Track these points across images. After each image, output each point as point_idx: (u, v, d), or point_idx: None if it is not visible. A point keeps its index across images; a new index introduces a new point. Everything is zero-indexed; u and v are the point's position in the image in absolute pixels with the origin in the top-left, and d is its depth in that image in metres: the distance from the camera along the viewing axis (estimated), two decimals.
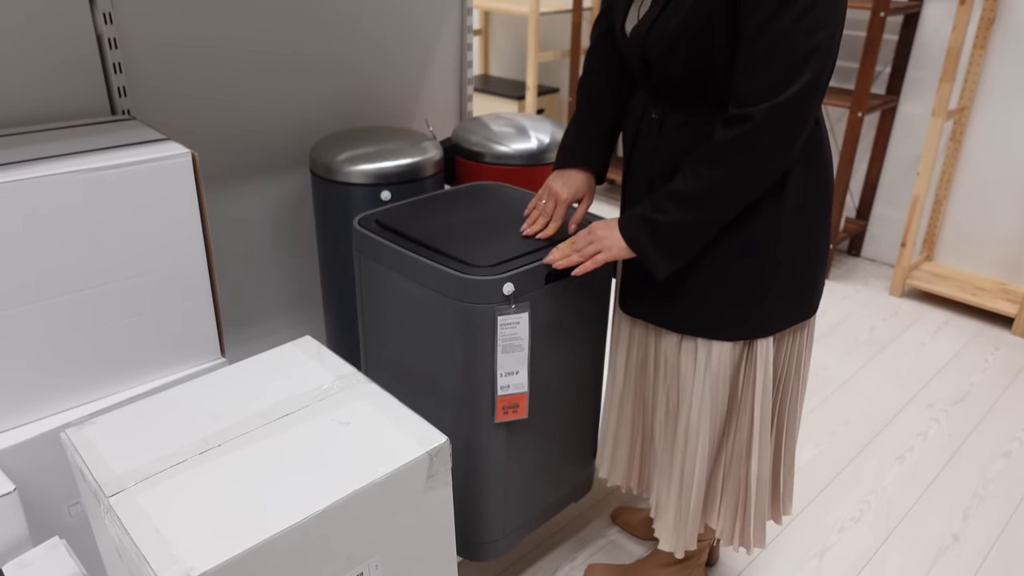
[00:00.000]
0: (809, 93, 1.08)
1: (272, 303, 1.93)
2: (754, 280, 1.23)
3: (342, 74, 1.87)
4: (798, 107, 1.08)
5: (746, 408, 1.33)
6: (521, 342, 1.30)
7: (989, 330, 2.75)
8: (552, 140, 1.81)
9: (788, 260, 1.23)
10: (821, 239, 1.27)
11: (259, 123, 1.76)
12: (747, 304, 1.24)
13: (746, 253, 1.22)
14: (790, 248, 1.23)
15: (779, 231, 1.21)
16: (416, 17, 1.96)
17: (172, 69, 1.59)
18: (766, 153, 1.11)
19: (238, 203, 1.78)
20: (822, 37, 1.06)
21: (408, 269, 1.33)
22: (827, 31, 1.06)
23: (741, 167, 1.12)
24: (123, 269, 1.29)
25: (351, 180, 1.62)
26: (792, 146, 1.12)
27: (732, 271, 1.23)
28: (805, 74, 1.06)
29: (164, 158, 1.28)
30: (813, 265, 1.27)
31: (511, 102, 4.03)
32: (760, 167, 1.13)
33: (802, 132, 1.11)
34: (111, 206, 1.24)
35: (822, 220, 1.26)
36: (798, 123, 1.10)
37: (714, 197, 1.14)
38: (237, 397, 1.06)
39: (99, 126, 1.42)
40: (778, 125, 1.09)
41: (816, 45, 1.06)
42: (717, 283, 1.24)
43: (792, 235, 1.22)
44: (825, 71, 1.09)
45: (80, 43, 1.45)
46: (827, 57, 1.08)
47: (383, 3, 1.88)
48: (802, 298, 1.29)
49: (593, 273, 1.41)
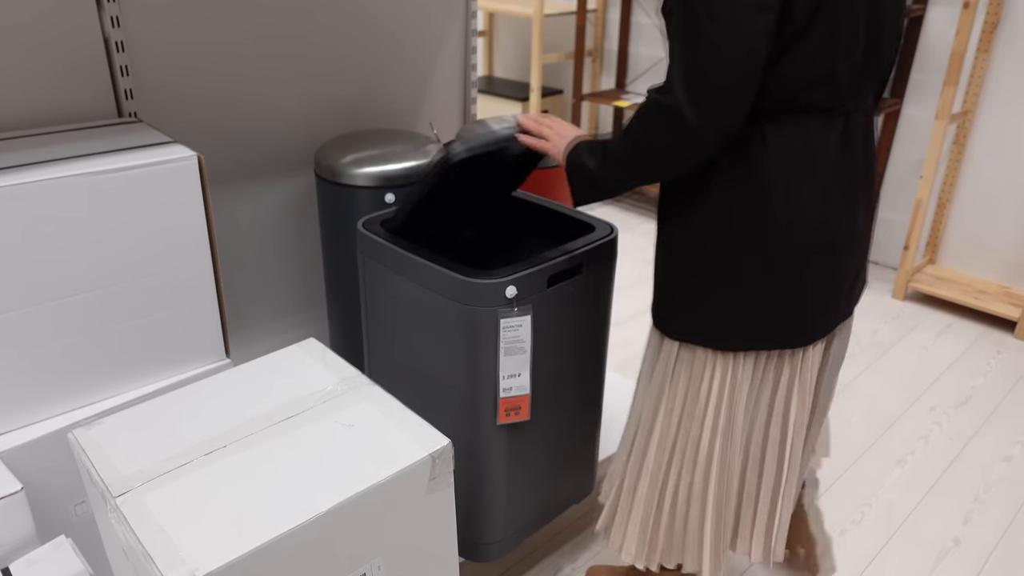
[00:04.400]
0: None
1: (277, 304, 1.95)
2: (672, 278, 1.24)
3: (347, 77, 1.88)
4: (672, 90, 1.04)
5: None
6: (523, 344, 1.31)
7: (992, 333, 2.75)
8: None
9: (696, 272, 1.20)
10: (750, 271, 1.17)
11: (265, 125, 1.77)
12: (672, 299, 1.25)
13: (665, 250, 1.24)
14: (698, 261, 1.20)
15: (688, 237, 1.19)
16: (421, 19, 1.97)
17: (179, 71, 1.60)
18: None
19: (244, 204, 1.80)
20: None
21: (411, 272, 1.34)
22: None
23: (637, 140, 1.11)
24: (129, 271, 1.30)
25: (356, 183, 1.63)
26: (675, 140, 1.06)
27: (662, 264, 1.26)
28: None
29: (170, 161, 1.29)
30: (731, 292, 1.19)
31: (515, 104, 4.04)
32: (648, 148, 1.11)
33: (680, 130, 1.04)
34: (117, 209, 1.25)
35: (753, 252, 1.16)
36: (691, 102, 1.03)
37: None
38: (242, 399, 1.08)
39: (105, 128, 1.44)
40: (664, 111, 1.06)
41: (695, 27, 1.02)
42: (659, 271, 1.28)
43: (704, 248, 1.18)
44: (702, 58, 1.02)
45: (87, 46, 1.46)
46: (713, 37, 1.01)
47: (391, 4, 1.89)
48: (726, 323, 1.21)
49: (596, 277, 1.42)
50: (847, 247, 1.20)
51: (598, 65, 4.04)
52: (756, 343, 1.22)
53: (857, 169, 1.18)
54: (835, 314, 1.25)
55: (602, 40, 3.99)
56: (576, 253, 1.36)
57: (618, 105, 3.65)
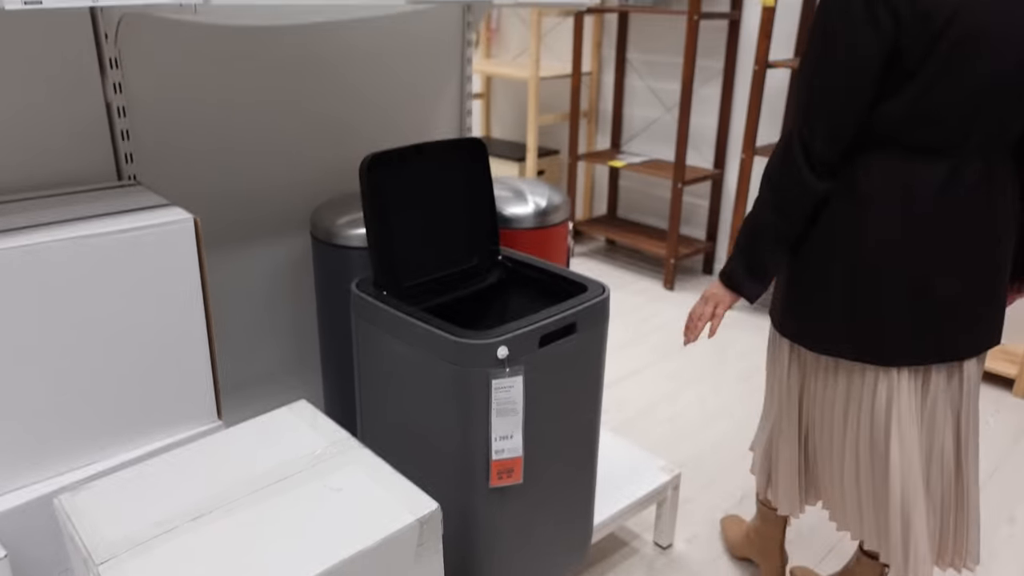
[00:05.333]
0: (792, 138, 1.30)
1: (271, 365, 1.95)
2: (794, 283, 1.44)
3: (343, 140, 1.92)
4: (782, 148, 1.32)
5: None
6: (515, 405, 1.31)
7: (989, 391, 2.74)
8: (549, 203, 1.84)
9: (815, 284, 1.39)
10: (839, 283, 1.36)
11: (262, 187, 1.80)
12: (789, 302, 1.46)
13: (795, 257, 1.43)
14: (819, 276, 1.39)
15: (811, 250, 1.39)
16: (417, 84, 2.02)
17: (178, 135, 1.63)
18: (771, 181, 1.35)
19: (240, 265, 1.81)
20: (805, 93, 1.28)
21: (402, 332, 1.34)
22: (810, 88, 1.27)
23: (764, 191, 1.37)
24: (122, 332, 1.31)
25: (350, 244, 1.65)
26: (788, 178, 1.32)
27: (790, 271, 1.46)
28: (794, 123, 1.29)
29: (166, 224, 1.31)
30: (841, 306, 1.37)
31: (512, 163, 4.11)
32: (773, 193, 1.35)
33: (791, 169, 1.31)
34: (112, 272, 1.27)
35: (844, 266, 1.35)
36: (784, 161, 1.32)
37: (755, 216, 1.38)
38: (230, 463, 1.07)
39: (104, 192, 1.46)
40: (775, 160, 1.34)
41: (803, 101, 1.28)
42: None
43: (810, 258, 1.39)
44: (809, 122, 1.28)
45: (90, 112, 1.49)
46: (809, 110, 1.27)
47: (386, 69, 1.94)
48: (845, 335, 1.38)
49: (588, 337, 1.42)
50: (943, 286, 1.31)
51: (593, 126, 4.12)
52: (835, 350, 1.40)
53: (971, 216, 1.28)
54: (931, 348, 1.35)
55: (597, 102, 4.07)
56: (568, 313, 1.37)
57: (613, 165, 3.71)
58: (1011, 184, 1.33)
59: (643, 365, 2.92)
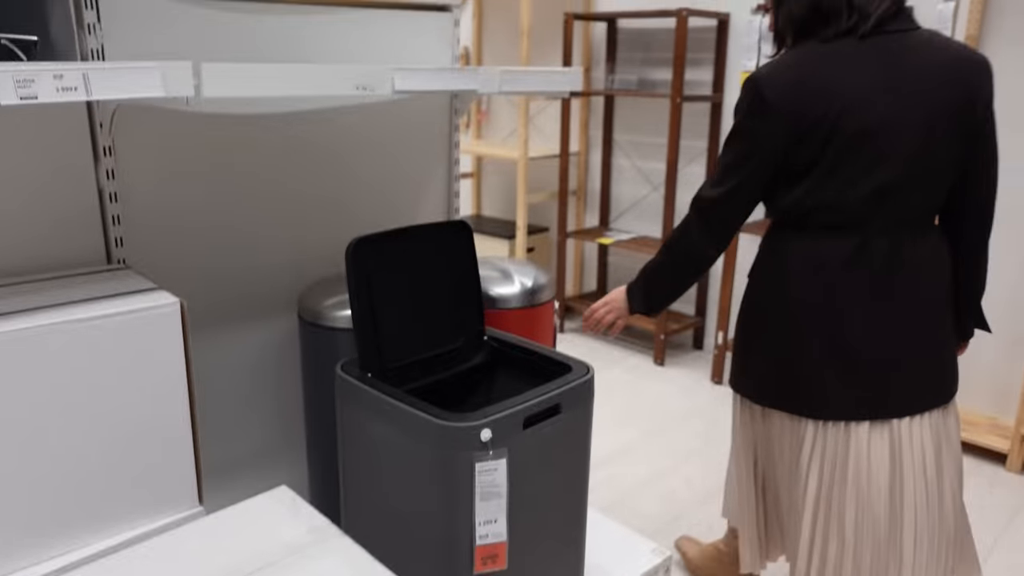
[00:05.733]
0: (694, 212, 1.54)
1: (256, 447, 1.93)
2: (739, 342, 1.63)
3: (334, 220, 1.95)
4: (694, 207, 1.54)
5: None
6: (499, 489, 1.29)
7: (983, 467, 2.72)
8: (535, 283, 1.86)
9: (751, 338, 1.58)
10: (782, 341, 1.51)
11: (251, 269, 1.82)
12: (736, 358, 1.64)
13: (740, 316, 1.63)
14: (752, 329, 1.58)
15: (749, 311, 1.59)
16: (408, 166, 2.07)
17: (169, 218, 1.66)
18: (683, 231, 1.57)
19: (227, 345, 1.81)
20: (720, 163, 1.48)
21: (386, 414, 1.34)
22: (723, 160, 1.48)
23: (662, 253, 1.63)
24: (103, 418, 1.30)
25: (337, 325, 1.66)
26: (702, 234, 1.53)
27: (737, 330, 1.65)
28: (711, 186, 1.50)
29: (152, 308, 1.31)
30: (774, 360, 1.53)
31: (503, 241, 4.16)
32: (670, 255, 1.61)
33: (705, 227, 1.52)
34: (95, 356, 1.27)
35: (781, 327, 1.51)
36: (699, 220, 1.52)
37: (658, 265, 1.63)
38: (208, 551, 1.05)
39: (93, 275, 1.47)
40: (690, 216, 1.55)
41: (718, 167, 1.49)
42: None
43: (754, 323, 1.57)
44: (719, 187, 1.48)
45: (83, 197, 1.52)
46: (720, 179, 1.48)
47: (376, 152, 1.99)
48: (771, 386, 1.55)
49: (573, 418, 1.42)
50: (868, 349, 1.43)
51: (582, 204, 4.19)
52: (782, 404, 1.53)
53: (888, 286, 1.41)
54: (860, 404, 1.45)
55: (585, 180, 4.16)
56: (552, 394, 1.37)
57: (602, 242, 3.76)
58: (936, 254, 1.45)
59: (634, 442, 2.89)
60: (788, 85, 1.35)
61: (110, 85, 1.09)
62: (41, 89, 1.02)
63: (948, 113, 1.34)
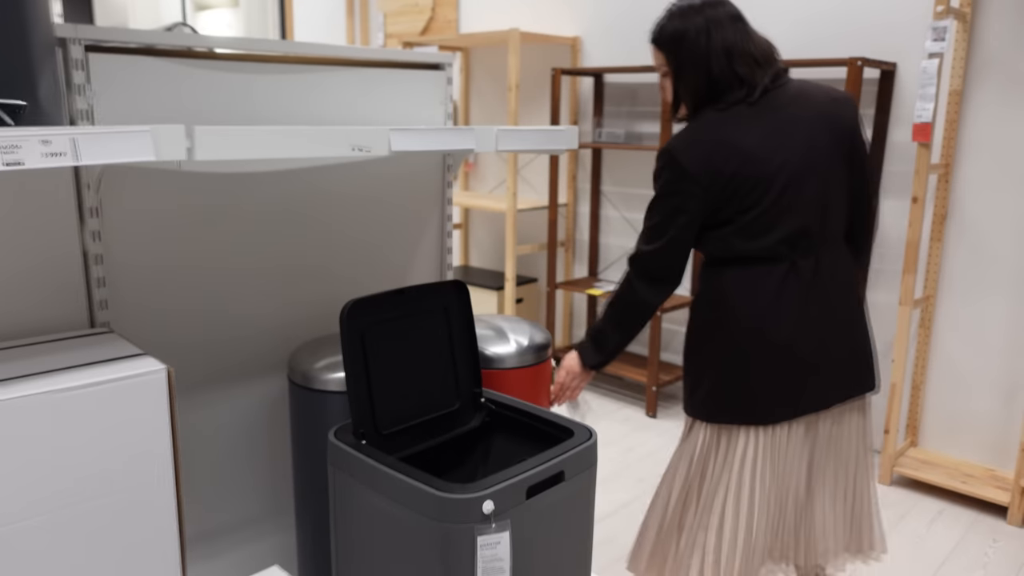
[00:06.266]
0: (644, 254, 1.65)
1: (244, 513, 1.85)
2: (689, 372, 1.73)
3: (325, 278, 1.91)
4: (639, 262, 1.66)
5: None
6: (502, 563, 1.23)
7: (984, 520, 2.68)
8: (530, 342, 1.82)
9: (702, 363, 1.69)
10: (733, 355, 1.63)
11: (240, 329, 1.77)
12: (688, 388, 1.74)
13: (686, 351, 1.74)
14: (702, 353, 1.69)
15: (691, 339, 1.72)
16: (399, 223, 2.04)
17: (155, 281, 1.61)
18: (628, 282, 1.69)
19: (215, 409, 1.75)
20: (651, 224, 1.63)
21: (382, 484, 1.28)
22: (653, 221, 1.62)
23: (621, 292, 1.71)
24: (84, 491, 1.23)
25: (328, 388, 1.61)
26: (638, 280, 1.66)
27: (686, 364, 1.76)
28: (644, 244, 1.65)
29: (137, 376, 1.26)
30: (717, 374, 1.65)
31: (491, 292, 4.13)
32: (627, 291, 1.69)
33: (642, 275, 1.65)
34: (77, 427, 1.21)
35: (732, 344, 1.63)
36: (639, 270, 1.66)
37: (607, 310, 1.73)
38: None
39: (76, 340, 1.42)
40: (631, 269, 1.67)
41: (648, 228, 1.63)
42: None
43: (704, 344, 1.68)
44: (654, 242, 1.63)
45: (67, 260, 1.48)
46: (654, 237, 1.62)
47: (366, 208, 1.96)
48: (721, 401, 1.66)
49: (578, 484, 1.37)
50: (804, 352, 1.60)
51: (571, 255, 4.18)
52: (733, 418, 1.65)
53: (813, 298, 1.60)
54: (804, 402, 1.63)
55: (574, 232, 4.16)
56: (555, 461, 1.32)
57: (591, 293, 3.74)
58: (845, 264, 1.67)
59: (631, 498, 2.83)
60: (699, 151, 1.53)
61: (99, 150, 1.06)
62: (27, 155, 0.98)
63: (832, 149, 1.57)
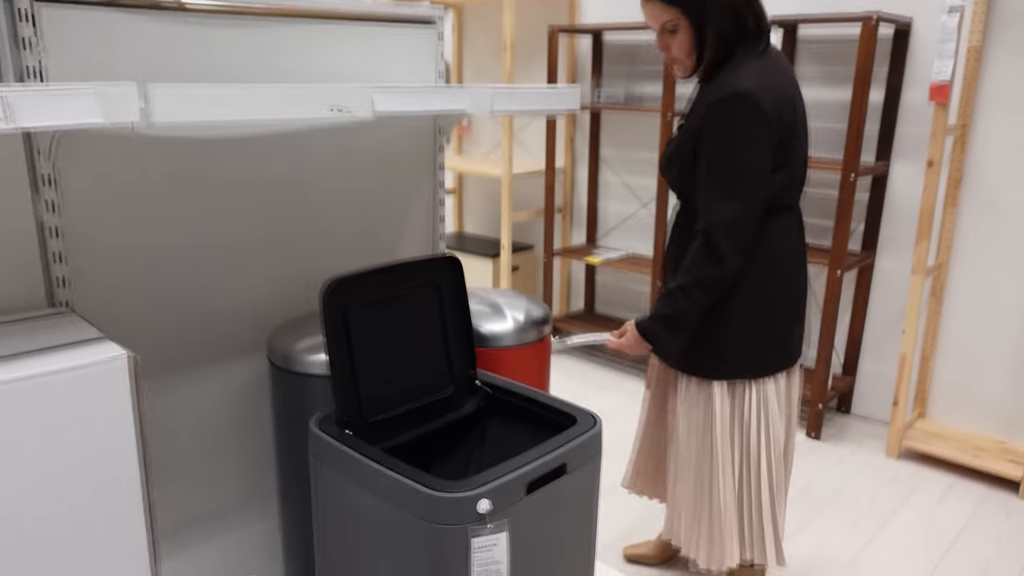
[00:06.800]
0: (732, 216, 1.59)
1: (224, 500, 1.74)
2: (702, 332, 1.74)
3: (306, 251, 1.78)
4: (728, 226, 1.59)
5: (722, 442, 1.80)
6: (499, 567, 1.13)
7: (995, 494, 2.60)
8: (528, 317, 1.71)
9: (731, 324, 1.72)
10: (758, 307, 1.72)
11: (214, 307, 1.64)
12: (698, 348, 1.75)
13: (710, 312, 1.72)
14: (733, 314, 1.71)
15: (726, 301, 1.70)
16: (388, 191, 1.90)
17: (120, 255, 1.48)
18: (717, 256, 1.61)
19: (189, 393, 1.64)
20: (734, 179, 1.58)
21: (369, 480, 1.17)
22: (738, 174, 1.58)
23: (703, 269, 1.64)
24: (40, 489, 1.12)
25: (311, 371, 1.49)
26: (732, 251, 1.59)
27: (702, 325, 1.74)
28: (728, 202, 1.59)
29: (96, 364, 1.14)
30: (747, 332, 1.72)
31: (487, 260, 4.01)
32: (716, 266, 1.62)
33: (736, 241, 1.59)
34: (31, 420, 1.09)
35: (764, 295, 1.71)
36: (730, 236, 1.58)
37: (690, 292, 1.65)
38: None
39: (31, 322, 1.30)
40: (718, 237, 1.59)
41: (730, 184, 1.58)
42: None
43: (734, 297, 1.70)
44: (737, 200, 1.59)
45: (19, 234, 1.35)
46: (741, 192, 1.58)
47: (353, 176, 1.82)
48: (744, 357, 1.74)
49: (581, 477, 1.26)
50: (803, 302, 1.79)
51: (568, 221, 4.05)
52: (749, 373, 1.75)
53: (804, 248, 1.78)
54: (796, 351, 1.81)
55: (571, 197, 4.02)
56: (558, 453, 1.21)
57: (589, 261, 3.62)
58: None
59: None
60: (767, 94, 1.56)
61: (37, 111, 0.93)
62: None
63: (802, 103, 1.70)
